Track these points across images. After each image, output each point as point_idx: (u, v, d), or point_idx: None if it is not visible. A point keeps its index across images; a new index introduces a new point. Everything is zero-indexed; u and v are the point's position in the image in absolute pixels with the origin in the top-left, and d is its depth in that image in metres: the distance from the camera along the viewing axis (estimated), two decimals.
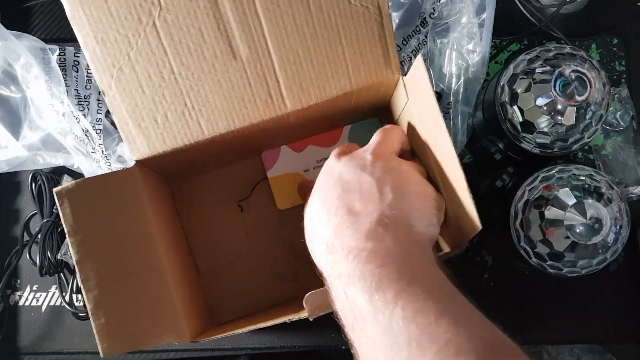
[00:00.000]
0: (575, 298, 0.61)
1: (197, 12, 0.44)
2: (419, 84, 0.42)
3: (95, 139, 0.58)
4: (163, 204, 0.53)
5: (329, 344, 0.61)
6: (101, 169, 0.59)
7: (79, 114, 0.59)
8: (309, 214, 0.44)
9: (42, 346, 0.62)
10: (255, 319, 0.51)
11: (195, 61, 0.45)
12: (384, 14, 0.45)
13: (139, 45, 0.44)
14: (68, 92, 0.59)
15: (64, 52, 0.61)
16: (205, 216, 0.59)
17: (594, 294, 0.61)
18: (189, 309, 0.49)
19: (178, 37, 0.44)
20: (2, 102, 0.61)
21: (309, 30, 0.45)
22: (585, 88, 0.49)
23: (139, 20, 0.44)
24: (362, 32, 0.45)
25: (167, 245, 0.48)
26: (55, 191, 0.44)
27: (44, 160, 0.61)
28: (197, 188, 0.59)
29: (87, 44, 0.44)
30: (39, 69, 0.58)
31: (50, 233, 0.61)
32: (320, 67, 0.46)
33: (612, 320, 0.61)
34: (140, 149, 0.46)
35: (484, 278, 0.61)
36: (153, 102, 0.45)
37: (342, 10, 0.45)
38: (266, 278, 0.59)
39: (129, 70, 0.45)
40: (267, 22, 0.45)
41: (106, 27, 0.44)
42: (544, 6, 0.63)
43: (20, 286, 0.63)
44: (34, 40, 0.59)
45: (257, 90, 0.46)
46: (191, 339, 0.46)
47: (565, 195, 0.48)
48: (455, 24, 0.59)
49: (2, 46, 0.56)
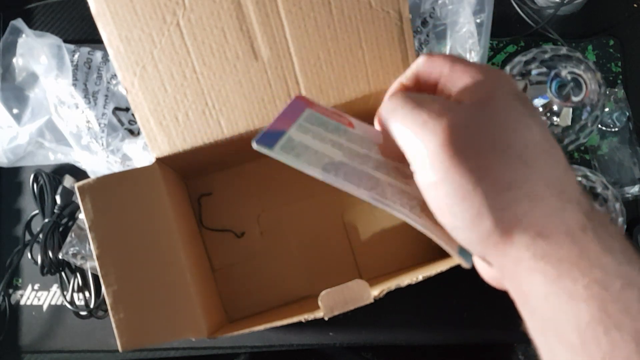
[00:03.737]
0: None
1: (221, 13, 0.45)
2: None
3: (98, 132, 0.59)
4: (181, 201, 0.53)
5: (328, 342, 0.62)
6: (108, 163, 0.59)
7: (85, 107, 0.59)
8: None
9: (43, 345, 0.62)
10: (270, 316, 0.51)
11: (217, 61, 0.46)
12: (404, 18, 0.46)
13: (162, 44, 0.45)
14: (76, 86, 0.59)
15: (78, 50, 0.62)
16: (220, 214, 0.60)
17: None
18: (205, 305, 0.49)
19: (201, 37, 0.45)
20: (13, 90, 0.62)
21: (330, 33, 0.46)
22: (581, 89, 0.50)
23: (163, 20, 0.45)
24: (383, 36, 0.46)
25: (185, 241, 0.49)
26: (77, 186, 0.44)
27: (46, 154, 0.62)
28: (213, 186, 0.60)
29: (112, 41, 0.45)
30: (53, 62, 0.59)
31: (52, 233, 0.61)
32: (340, 69, 0.47)
33: None
34: (161, 146, 0.47)
35: (481, 277, 0.63)
36: (175, 100, 0.46)
37: (364, 14, 0.46)
38: (279, 276, 0.59)
39: (152, 68, 0.45)
40: (289, 24, 0.46)
41: (131, 25, 0.45)
42: (540, 8, 0.64)
43: (22, 285, 0.63)
44: (52, 38, 0.60)
45: (277, 91, 0.47)
46: (208, 336, 0.47)
47: None
48: (453, 25, 0.59)
49: (23, 42, 0.57)
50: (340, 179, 0.35)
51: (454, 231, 0.32)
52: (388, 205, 0.35)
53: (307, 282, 0.59)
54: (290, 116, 0.38)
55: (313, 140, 0.37)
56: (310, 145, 0.37)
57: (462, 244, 0.33)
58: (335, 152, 0.37)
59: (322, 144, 0.37)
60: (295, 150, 0.36)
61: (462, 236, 0.32)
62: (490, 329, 0.62)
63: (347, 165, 0.37)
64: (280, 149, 0.35)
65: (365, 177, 0.36)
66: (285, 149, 0.36)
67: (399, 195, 0.36)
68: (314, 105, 0.39)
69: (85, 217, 0.44)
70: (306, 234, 0.59)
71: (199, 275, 0.50)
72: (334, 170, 0.36)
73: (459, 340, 0.62)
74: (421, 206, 0.36)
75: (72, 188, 0.62)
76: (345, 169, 0.36)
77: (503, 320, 0.62)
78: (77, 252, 0.60)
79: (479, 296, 0.62)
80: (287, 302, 0.59)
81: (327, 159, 0.36)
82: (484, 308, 0.62)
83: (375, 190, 0.36)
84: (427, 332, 0.62)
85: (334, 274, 0.59)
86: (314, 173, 0.35)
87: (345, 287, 0.43)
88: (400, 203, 0.36)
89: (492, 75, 0.32)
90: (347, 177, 0.36)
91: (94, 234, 0.44)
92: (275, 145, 0.35)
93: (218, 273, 0.59)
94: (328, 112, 0.40)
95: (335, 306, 0.43)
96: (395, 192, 0.36)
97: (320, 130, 0.38)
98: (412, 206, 0.36)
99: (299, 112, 0.38)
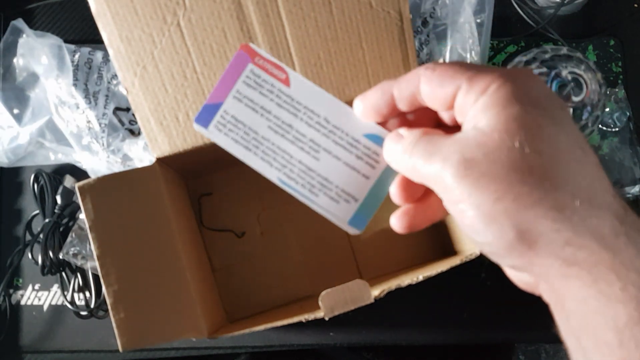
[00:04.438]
0: None
1: (221, 13, 0.45)
2: None
3: (98, 132, 0.59)
4: (181, 201, 0.53)
5: (328, 342, 0.62)
6: (108, 163, 0.59)
7: (86, 107, 0.59)
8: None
9: (43, 345, 0.62)
10: (270, 316, 0.51)
11: (217, 61, 0.46)
12: (404, 18, 0.46)
13: (163, 44, 0.45)
14: (77, 86, 0.59)
15: (79, 51, 0.62)
16: (220, 214, 0.60)
17: None
18: (206, 305, 0.49)
19: (202, 38, 0.45)
20: (13, 90, 0.62)
21: (330, 33, 0.46)
22: (581, 89, 0.50)
23: (164, 20, 0.45)
24: (383, 36, 0.46)
25: (186, 241, 0.49)
26: (77, 186, 0.44)
27: (47, 154, 0.62)
28: (213, 186, 0.60)
29: (112, 41, 0.45)
30: (53, 63, 0.59)
31: (52, 233, 0.61)
32: (341, 69, 0.47)
33: None
34: (161, 146, 0.47)
35: (481, 277, 0.62)
36: (175, 100, 0.46)
37: (364, 14, 0.46)
38: (280, 276, 0.59)
39: (152, 68, 0.45)
40: (289, 24, 0.46)
41: (131, 25, 0.45)
42: (541, 8, 0.64)
43: (22, 285, 0.63)
44: (53, 38, 0.60)
45: None
46: (208, 336, 0.47)
47: None
48: (454, 25, 0.59)
49: (24, 42, 0.57)
50: (258, 159, 0.38)
51: (479, 245, 0.32)
52: (290, 187, 0.38)
53: (307, 282, 0.59)
54: (231, 78, 0.39)
55: (245, 109, 0.38)
56: (241, 119, 0.38)
57: (491, 257, 0.33)
58: (262, 123, 0.39)
59: (253, 113, 0.39)
60: (227, 126, 0.38)
61: (488, 249, 0.32)
62: (491, 329, 0.62)
63: (267, 141, 0.39)
64: (214, 127, 0.38)
65: (280, 154, 0.39)
66: (218, 127, 0.38)
67: (304, 174, 0.38)
68: (255, 56, 0.39)
69: (85, 217, 0.44)
70: (307, 233, 0.59)
71: (199, 275, 0.50)
72: (254, 149, 0.39)
73: (460, 340, 0.62)
74: (322, 184, 0.38)
75: (73, 188, 0.62)
76: (266, 145, 0.39)
77: (504, 320, 0.62)
78: (77, 252, 0.60)
79: (480, 296, 0.62)
80: (288, 302, 0.59)
81: (253, 134, 0.38)
82: (485, 308, 0.62)
83: (284, 170, 0.39)
84: (427, 332, 0.62)
85: (334, 274, 0.59)
86: (236, 153, 0.38)
87: (345, 287, 0.43)
88: (302, 183, 0.38)
89: (507, 82, 0.30)
90: (265, 155, 0.38)
91: (95, 234, 0.44)
92: (210, 124, 0.37)
93: (218, 273, 0.59)
94: (268, 64, 0.40)
95: (335, 306, 0.43)
96: (302, 171, 0.39)
97: (255, 94, 0.39)
98: (312, 185, 0.38)
99: (240, 70, 0.39)
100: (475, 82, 0.31)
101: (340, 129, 0.38)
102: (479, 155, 0.29)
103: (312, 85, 0.39)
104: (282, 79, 0.39)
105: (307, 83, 0.39)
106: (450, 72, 0.32)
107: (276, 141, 0.38)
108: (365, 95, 0.37)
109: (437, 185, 0.32)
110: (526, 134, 0.29)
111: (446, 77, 0.32)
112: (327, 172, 0.38)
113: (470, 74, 0.31)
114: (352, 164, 0.38)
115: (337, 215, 0.38)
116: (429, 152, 0.32)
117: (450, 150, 0.30)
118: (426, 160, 0.32)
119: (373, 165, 0.38)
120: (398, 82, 0.35)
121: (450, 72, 0.32)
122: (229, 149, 0.38)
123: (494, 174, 0.29)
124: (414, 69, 0.34)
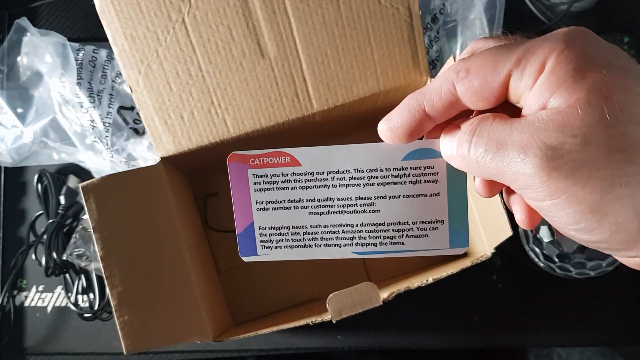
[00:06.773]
0: (585, 300, 0.60)
1: (227, 10, 0.44)
2: None
3: (102, 132, 0.58)
4: (186, 201, 0.53)
5: (336, 346, 0.61)
6: (112, 163, 0.58)
7: (90, 106, 0.59)
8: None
9: (47, 347, 0.62)
10: (277, 319, 0.50)
11: (223, 59, 0.45)
12: (414, 14, 0.45)
13: (167, 42, 0.44)
14: (81, 85, 0.59)
15: (83, 49, 0.61)
16: (226, 214, 0.59)
17: (604, 295, 0.60)
18: (211, 307, 0.48)
19: (207, 35, 0.44)
20: (17, 89, 0.62)
21: (338, 30, 0.45)
22: None
23: (169, 17, 0.44)
24: (392, 33, 0.45)
25: (191, 243, 0.48)
26: (81, 186, 0.43)
27: (51, 154, 0.62)
28: (218, 186, 0.59)
29: (116, 39, 0.44)
30: (57, 61, 0.58)
31: (56, 233, 0.60)
32: (349, 67, 0.46)
33: (622, 323, 0.61)
34: (165, 145, 0.46)
35: (492, 280, 0.62)
36: (180, 99, 0.45)
37: (372, 10, 0.45)
38: (287, 278, 0.58)
39: (157, 67, 0.45)
40: (296, 21, 0.45)
41: (135, 23, 0.44)
42: (553, 4, 0.63)
43: (26, 287, 0.63)
44: (57, 36, 0.59)
45: (284, 90, 0.46)
46: (214, 339, 0.46)
47: None
48: (464, 22, 0.58)
49: (28, 41, 0.56)
50: (322, 249, 0.35)
51: (591, 244, 0.27)
52: (371, 253, 0.34)
53: (314, 285, 0.58)
54: (242, 194, 0.36)
55: (277, 213, 0.35)
56: (280, 224, 0.35)
57: (605, 252, 0.28)
58: (302, 215, 0.35)
59: (286, 211, 0.35)
60: (272, 240, 0.35)
61: (604, 246, 0.27)
62: (502, 333, 0.61)
63: (319, 227, 0.35)
64: (262, 248, 0.35)
65: (339, 230, 0.35)
66: (266, 245, 0.35)
67: (374, 234, 0.35)
68: (248, 159, 0.36)
69: (89, 217, 0.43)
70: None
71: (204, 277, 0.50)
72: (312, 242, 0.35)
73: (470, 344, 0.61)
74: (398, 230, 0.34)
75: (77, 188, 0.61)
76: (320, 231, 0.35)
77: (515, 324, 0.61)
78: (81, 253, 0.59)
79: (491, 299, 0.61)
80: (295, 304, 0.58)
81: (301, 230, 0.35)
82: (496, 311, 0.60)
83: (353, 242, 0.35)
84: (437, 336, 0.61)
85: (342, 276, 0.58)
86: (300, 256, 0.35)
87: (353, 289, 0.42)
88: (379, 242, 0.35)
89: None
90: (326, 241, 0.35)
91: (99, 234, 0.43)
92: (257, 248, 0.35)
93: (224, 275, 0.58)
94: (265, 158, 0.36)
95: (343, 309, 0.42)
96: (370, 231, 0.35)
97: (275, 193, 0.36)
98: (390, 238, 0.35)
99: (244, 181, 0.36)
100: (527, 62, 0.26)
101: (375, 169, 0.34)
102: (564, 139, 0.24)
103: (320, 148, 0.35)
104: (289, 162, 0.36)
105: (315, 150, 0.35)
106: (490, 64, 0.27)
107: (326, 221, 0.35)
108: (390, 118, 0.32)
109: (515, 181, 0.26)
110: (615, 102, 0.24)
111: (487, 72, 0.27)
112: (395, 216, 0.34)
113: (516, 55, 0.26)
114: (413, 192, 0.34)
115: (435, 247, 0.35)
116: (497, 142, 0.27)
117: (524, 138, 0.25)
118: (495, 152, 0.27)
119: (434, 180, 0.33)
120: (426, 95, 0.30)
121: (489, 64, 0.27)
122: (291, 258, 0.35)
123: (592, 159, 0.24)
124: (441, 75, 0.29)
